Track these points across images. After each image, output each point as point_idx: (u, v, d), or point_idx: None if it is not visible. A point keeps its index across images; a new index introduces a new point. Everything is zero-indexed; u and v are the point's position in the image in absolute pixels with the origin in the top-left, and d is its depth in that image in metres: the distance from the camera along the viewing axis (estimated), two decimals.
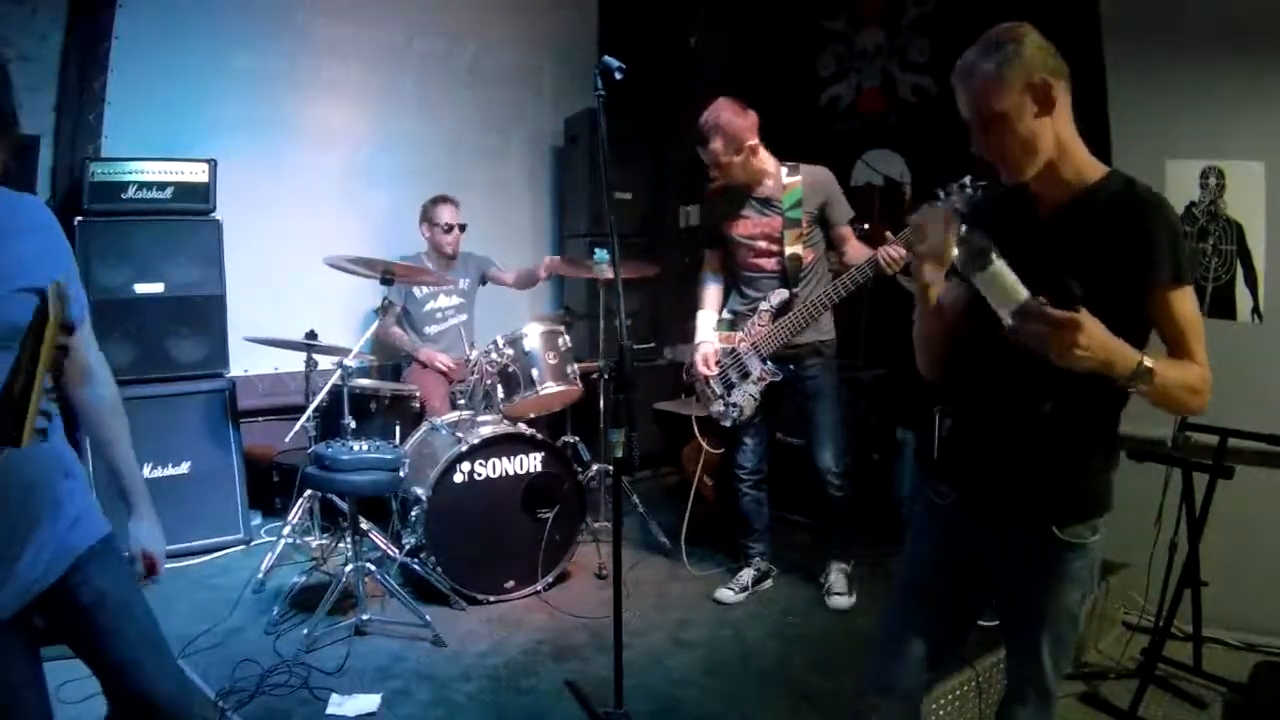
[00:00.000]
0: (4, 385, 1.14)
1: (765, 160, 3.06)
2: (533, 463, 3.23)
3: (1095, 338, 1.32)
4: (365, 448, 2.89)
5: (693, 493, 3.55)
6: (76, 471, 1.50)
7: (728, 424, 3.17)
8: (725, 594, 3.19)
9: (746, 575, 3.25)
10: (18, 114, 1.34)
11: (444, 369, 4.00)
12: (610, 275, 3.70)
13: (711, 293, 3.28)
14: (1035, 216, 1.56)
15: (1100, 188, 1.51)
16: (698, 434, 3.38)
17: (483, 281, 4.32)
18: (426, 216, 4.15)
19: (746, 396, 3.09)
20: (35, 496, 1.39)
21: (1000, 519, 1.60)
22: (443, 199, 4.16)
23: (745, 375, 3.10)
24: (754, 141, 3.00)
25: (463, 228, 4.15)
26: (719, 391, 3.16)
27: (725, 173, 3.04)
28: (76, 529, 1.45)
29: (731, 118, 2.95)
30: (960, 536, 1.65)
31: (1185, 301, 1.48)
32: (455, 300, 4.21)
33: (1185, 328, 1.48)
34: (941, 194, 1.82)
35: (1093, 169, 1.54)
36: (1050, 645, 1.60)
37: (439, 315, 4.17)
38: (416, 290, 4.09)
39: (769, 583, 3.31)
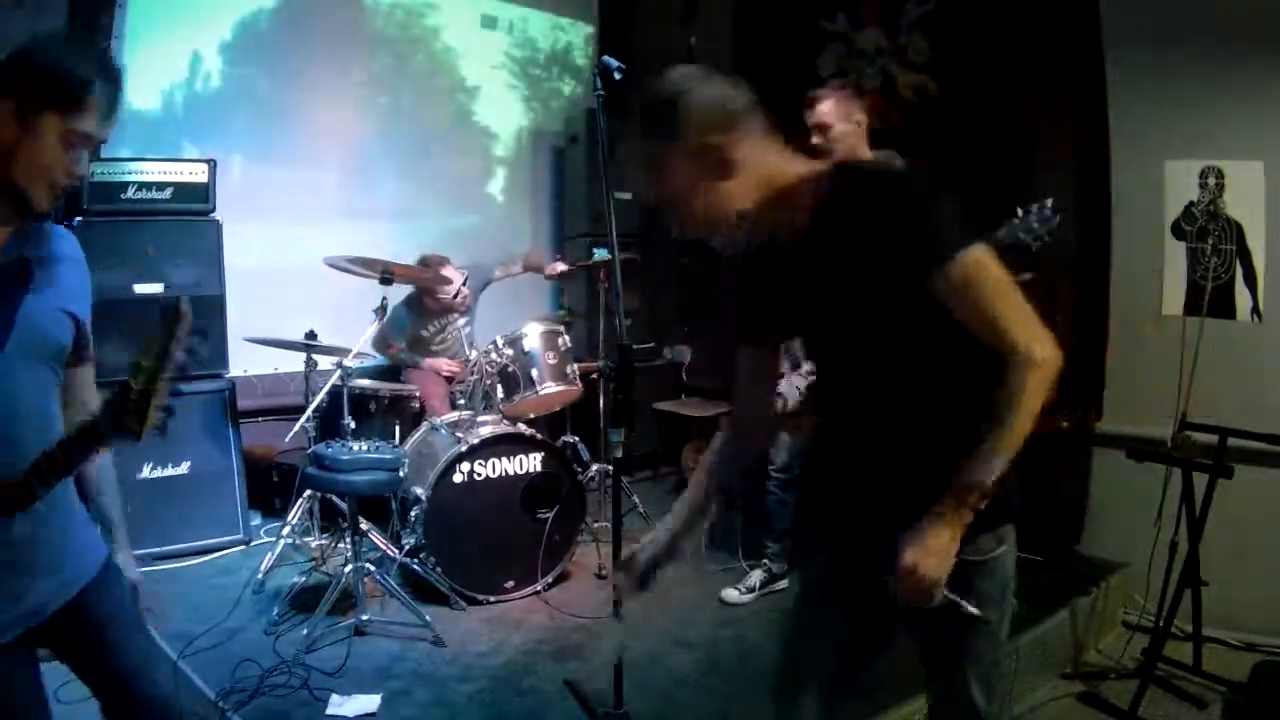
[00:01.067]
0: (124, 382, 1.18)
1: (866, 149, 2.97)
2: (532, 463, 3.23)
3: (937, 551, 1.21)
4: (365, 448, 2.88)
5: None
6: (72, 489, 1.50)
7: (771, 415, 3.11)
8: (731, 594, 3.16)
9: (756, 576, 3.20)
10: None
11: (449, 374, 3.98)
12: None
13: None
14: (782, 255, 1.34)
15: (822, 191, 1.30)
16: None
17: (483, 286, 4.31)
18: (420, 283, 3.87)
19: (792, 387, 2.95)
20: (52, 514, 1.40)
21: (893, 541, 1.32)
22: (441, 263, 3.90)
23: (795, 365, 2.99)
24: (864, 119, 2.93)
25: (466, 280, 3.95)
26: None
27: (827, 139, 2.90)
28: (86, 553, 1.48)
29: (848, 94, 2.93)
30: (853, 559, 1.45)
31: (962, 277, 1.19)
32: (460, 319, 4.20)
33: (977, 309, 1.19)
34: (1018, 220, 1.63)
35: (810, 175, 1.32)
36: (975, 672, 1.42)
37: (454, 334, 4.15)
38: (424, 330, 4.08)
39: (784, 583, 3.22)
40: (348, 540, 2.93)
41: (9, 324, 1.33)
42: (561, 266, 4.12)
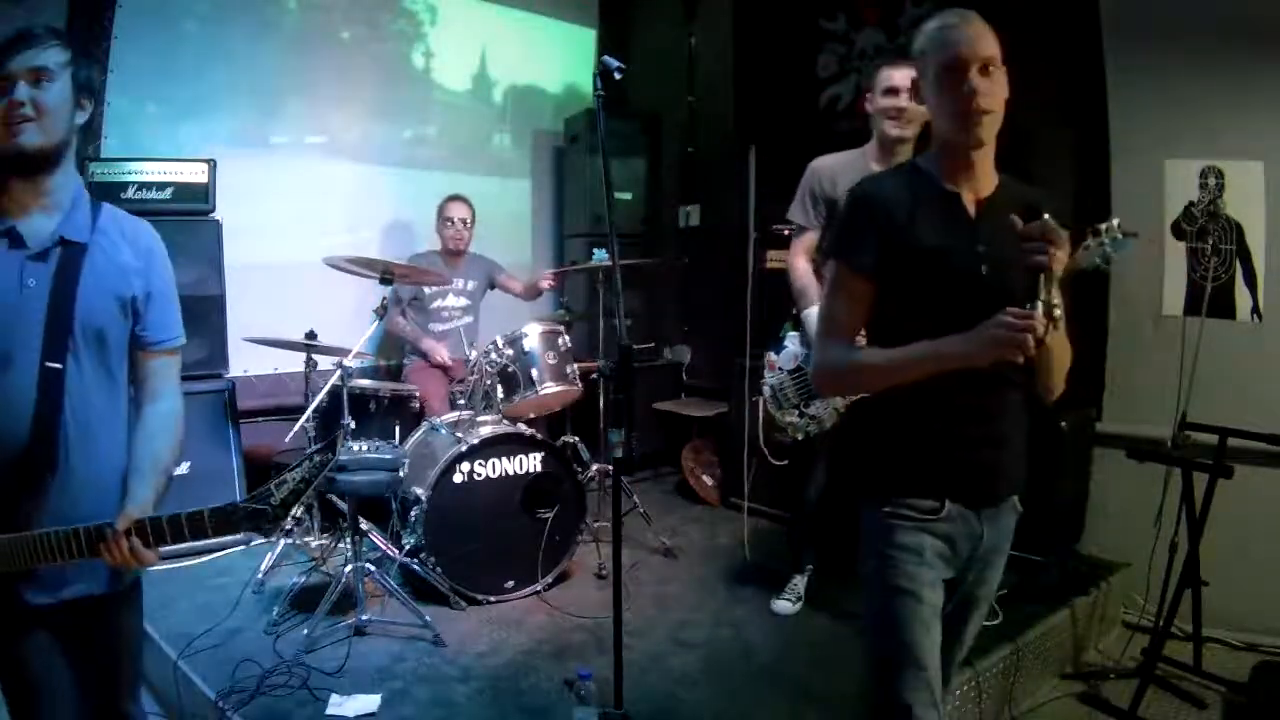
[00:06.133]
0: (269, 489, 1.39)
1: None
2: (532, 463, 3.23)
3: None
4: (365, 448, 2.88)
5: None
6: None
7: (799, 437, 2.79)
8: (783, 605, 3.02)
9: (802, 583, 3.06)
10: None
11: (441, 363, 4.01)
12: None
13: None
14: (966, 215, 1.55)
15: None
16: (763, 442, 3.14)
17: (490, 286, 4.34)
18: (439, 213, 4.21)
19: (829, 409, 2.68)
20: (98, 498, 1.46)
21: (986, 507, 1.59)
22: (454, 197, 4.24)
23: None
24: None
25: (467, 222, 4.19)
26: (795, 400, 2.76)
27: (909, 104, 2.62)
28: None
29: None
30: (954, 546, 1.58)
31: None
32: (462, 301, 4.22)
33: None
34: (1090, 242, 1.62)
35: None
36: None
37: (445, 314, 4.19)
38: (426, 287, 4.11)
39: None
40: (348, 540, 2.93)
41: (68, 327, 1.40)
42: (547, 277, 4.20)
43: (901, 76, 2.64)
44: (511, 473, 3.19)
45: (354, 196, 4.46)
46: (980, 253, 1.50)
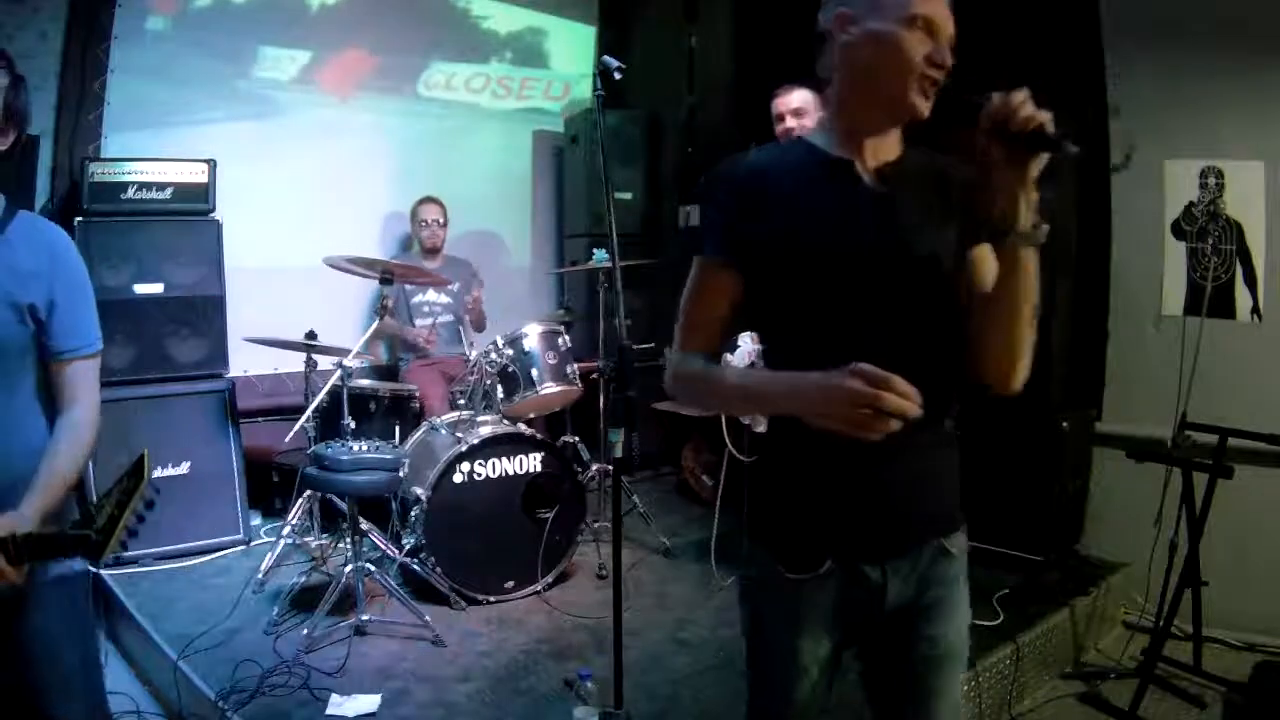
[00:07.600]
0: (90, 512, 1.36)
1: None
2: (533, 463, 3.23)
3: None
4: (365, 448, 2.88)
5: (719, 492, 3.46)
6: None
7: (762, 429, 3.03)
8: None
9: None
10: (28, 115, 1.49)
11: (430, 346, 4.06)
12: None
13: None
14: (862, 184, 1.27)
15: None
16: (729, 444, 3.19)
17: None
18: (412, 215, 4.32)
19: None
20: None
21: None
22: (426, 199, 4.32)
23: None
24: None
25: (440, 222, 4.28)
26: None
27: (800, 124, 2.84)
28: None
29: None
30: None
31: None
32: (444, 299, 4.23)
33: None
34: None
35: None
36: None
37: (426, 309, 4.21)
38: (408, 284, 4.12)
39: None
40: (348, 540, 2.93)
41: None
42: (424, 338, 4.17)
43: (783, 103, 2.83)
44: (511, 473, 3.19)
45: (353, 196, 4.46)
46: (880, 225, 1.22)
